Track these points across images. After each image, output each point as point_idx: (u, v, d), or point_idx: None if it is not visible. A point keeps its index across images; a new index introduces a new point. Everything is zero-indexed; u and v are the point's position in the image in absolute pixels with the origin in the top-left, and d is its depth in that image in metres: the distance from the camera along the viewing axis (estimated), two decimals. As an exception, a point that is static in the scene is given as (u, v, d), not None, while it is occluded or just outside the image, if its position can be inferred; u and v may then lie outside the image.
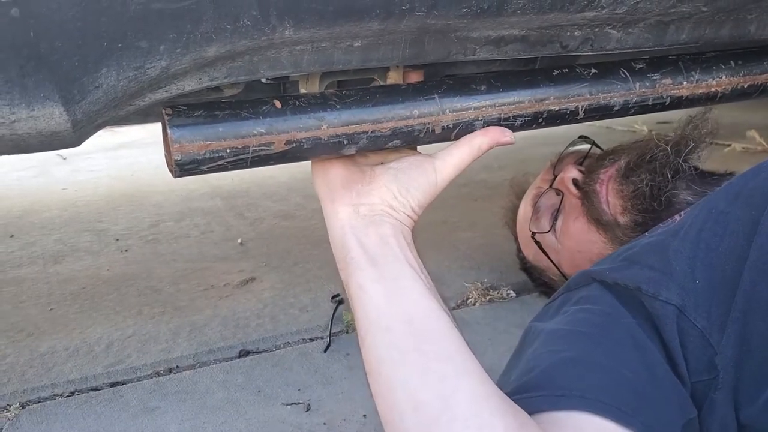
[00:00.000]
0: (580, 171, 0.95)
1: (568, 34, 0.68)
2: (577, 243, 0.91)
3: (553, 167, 1.02)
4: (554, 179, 0.98)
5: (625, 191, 0.85)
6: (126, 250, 1.63)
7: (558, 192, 0.96)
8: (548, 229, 0.96)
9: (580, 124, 0.76)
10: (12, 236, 1.77)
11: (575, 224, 0.91)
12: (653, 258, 0.65)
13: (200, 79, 0.56)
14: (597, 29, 0.69)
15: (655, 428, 0.53)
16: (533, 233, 0.99)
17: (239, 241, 1.66)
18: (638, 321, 0.62)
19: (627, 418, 0.53)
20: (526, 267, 1.10)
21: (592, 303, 0.66)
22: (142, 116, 0.72)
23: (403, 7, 0.53)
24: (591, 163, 0.96)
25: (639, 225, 0.82)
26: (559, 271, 0.98)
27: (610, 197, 0.87)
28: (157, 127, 0.60)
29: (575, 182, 0.93)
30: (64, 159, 2.75)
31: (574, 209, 0.92)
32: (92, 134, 0.55)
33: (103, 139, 3.02)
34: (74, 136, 0.51)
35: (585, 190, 0.91)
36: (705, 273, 0.61)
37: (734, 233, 0.62)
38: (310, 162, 0.68)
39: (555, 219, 0.96)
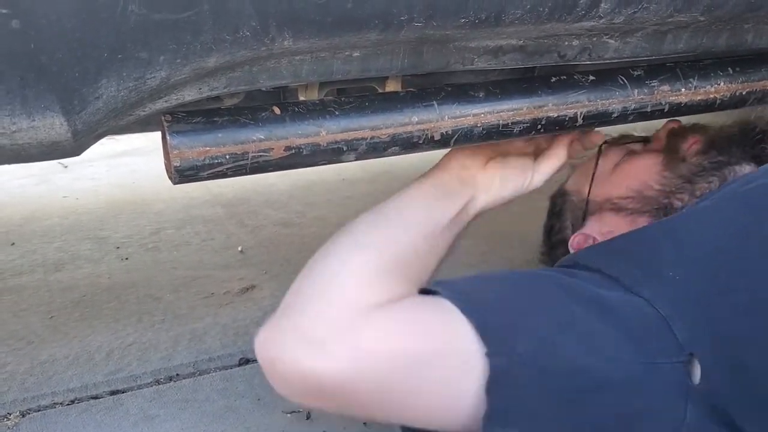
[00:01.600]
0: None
1: (566, 43, 0.69)
2: (633, 171, 0.87)
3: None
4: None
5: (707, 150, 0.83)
6: (126, 258, 1.63)
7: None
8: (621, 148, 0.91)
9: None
10: (13, 244, 1.78)
11: (642, 159, 0.88)
12: (644, 256, 0.65)
13: (200, 89, 0.56)
14: (595, 39, 0.70)
15: (498, 331, 0.56)
16: (605, 142, 0.92)
17: (240, 248, 1.66)
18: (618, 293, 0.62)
19: (470, 311, 0.57)
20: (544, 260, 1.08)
21: (572, 275, 0.66)
22: (143, 125, 0.72)
23: (402, 18, 0.54)
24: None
25: (705, 170, 0.81)
26: (586, 197, 0.92)
27: (693, 148, 0.85)
28: (159, 135, 0.60)
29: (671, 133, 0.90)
30: (66, 167, 2.75)
31: (653, 152, 0.89)
32: (92, 144, 0.56)
33: (105, 147, 3.01)
34: (74, 146, 0.52)
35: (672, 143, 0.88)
36: (696, 283, 0.61)
37: (730, 243, 0.62)
38: (311, 169, 0.69)
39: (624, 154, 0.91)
